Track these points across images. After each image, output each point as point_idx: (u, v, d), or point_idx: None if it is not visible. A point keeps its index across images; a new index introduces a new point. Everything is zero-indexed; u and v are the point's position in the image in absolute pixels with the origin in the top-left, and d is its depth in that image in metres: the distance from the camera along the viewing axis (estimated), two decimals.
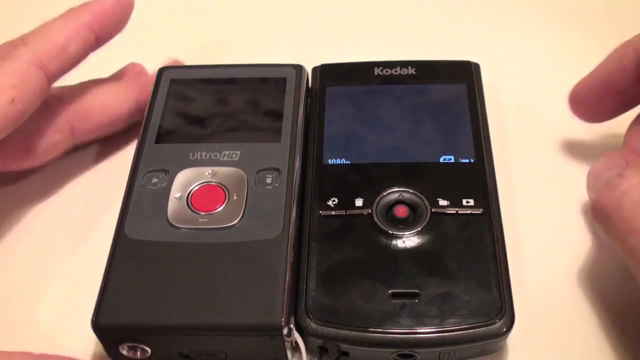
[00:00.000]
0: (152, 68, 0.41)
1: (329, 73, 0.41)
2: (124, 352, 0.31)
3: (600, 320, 0.33)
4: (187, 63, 0.42)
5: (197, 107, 0.39)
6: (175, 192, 0.35)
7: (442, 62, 0.42)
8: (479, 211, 0.34)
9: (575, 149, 0.40)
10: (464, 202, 0.35)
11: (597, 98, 0.37)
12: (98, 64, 0.45)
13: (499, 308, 0.31)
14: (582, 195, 0.35)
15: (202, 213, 0.34)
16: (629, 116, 0.37)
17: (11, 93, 0.33)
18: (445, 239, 0.33)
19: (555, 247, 0.36)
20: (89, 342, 0.33)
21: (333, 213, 0.35)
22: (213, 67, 0.41)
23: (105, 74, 0.45)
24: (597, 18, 0.48)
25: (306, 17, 0.50)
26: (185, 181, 0.35)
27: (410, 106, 0.39)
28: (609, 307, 0.33)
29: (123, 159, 0.37)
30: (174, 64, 0.43)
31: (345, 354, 0.31)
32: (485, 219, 0.34)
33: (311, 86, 0.41)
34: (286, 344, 0.31)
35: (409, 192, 0.35)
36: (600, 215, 0.31)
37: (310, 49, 0.47)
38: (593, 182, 0.34)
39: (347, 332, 0.31)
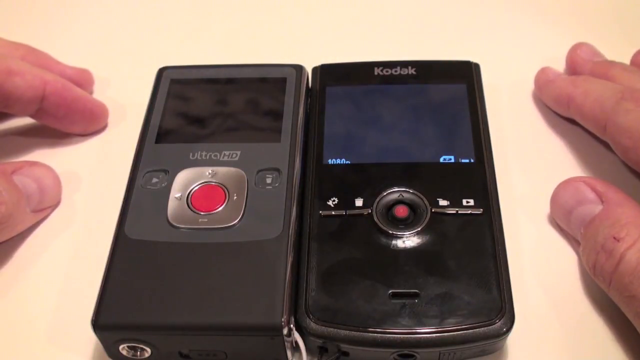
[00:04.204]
0: (152, 68, 0.41)
1: (329, 73, 0.41)
2: (124, 352, 0.32)
3: (600, 320, 0.33)
4: (187, 63, 0.42)
5: (197, 107, 0.39)
6: (175, 192, 0.35)
7: (442, 62, 0.42)
8: (479, 211, 0.34)
9: (575, 149, 0.40)
10: (464, 202, 0.35)
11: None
12: (98, 64, 0.46)
13: (499, 308, 0.31)
14: None
15: (202, 213, 0.34)
16: None
17: None
18: (445, 239, 0.33)
19: (555, 247, 0.36)
20: (89, 342, 0.33)
21: (333, 213, 0.35)
22: (213, 67, 0.41)
23: (105, 73, 0.46)
24: (598, 18, 0.48)
25: (306, 17, 0.50)
26: (185, 181, 0.35)
27: (410, 106, 0.39)
28: (608, 306, 0.33)
29: (123, 159, 0.37)
30: None
31: (345, 354, 0.31)
32: (485, 219, 0.34)
33: (311, 86, 0.41)
34: (286, 344, 0.31)
35: (409, 192, 0.35)
36: (600, 278, 0.32)
37: (310, 49, 0.47)
38: (563, 217, 0.35)
39: (347, 332, 0.31)
